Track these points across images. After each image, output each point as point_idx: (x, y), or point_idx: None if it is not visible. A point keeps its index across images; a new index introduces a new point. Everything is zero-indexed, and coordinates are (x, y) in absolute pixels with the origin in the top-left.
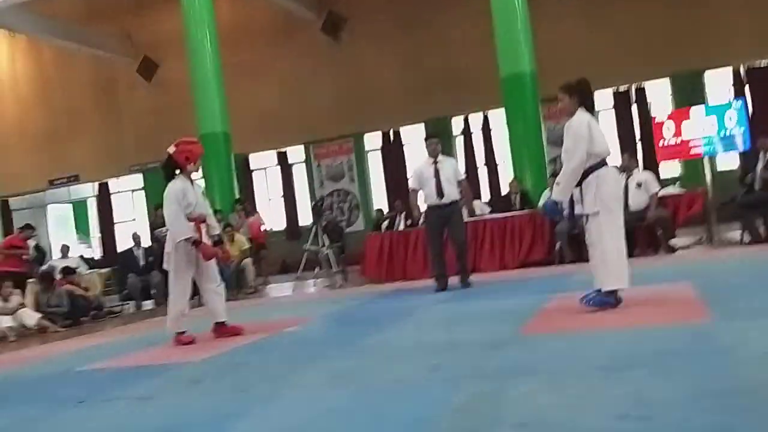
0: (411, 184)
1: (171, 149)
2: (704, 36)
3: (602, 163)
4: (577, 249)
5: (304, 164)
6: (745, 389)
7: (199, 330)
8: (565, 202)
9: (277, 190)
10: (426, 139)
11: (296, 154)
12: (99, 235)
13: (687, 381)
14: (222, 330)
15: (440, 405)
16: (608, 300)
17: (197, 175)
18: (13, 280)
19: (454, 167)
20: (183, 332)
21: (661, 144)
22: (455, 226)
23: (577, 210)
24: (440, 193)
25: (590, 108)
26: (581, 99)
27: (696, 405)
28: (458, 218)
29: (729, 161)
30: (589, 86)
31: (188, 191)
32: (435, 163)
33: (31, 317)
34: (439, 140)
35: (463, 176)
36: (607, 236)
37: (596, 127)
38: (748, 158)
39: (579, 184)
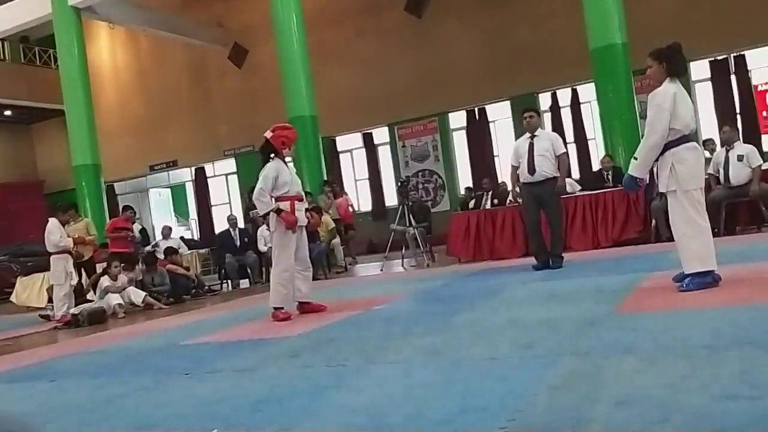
0: (510, 160)
1: (268, 134)
2: None
3: (683, 140)
4: None
5: (388, 145)
6: None
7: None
8: (647, 178)
9: (363, 172)
10: (522, 113)
11: (381, 135)
12: (196, 217)
13: None
14: (306, 308)
15: (536, 382)
16: (705, 280)
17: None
18: (120, 260)
19: (552, 141)
20: (281, 308)
21: (764, 114)
22: (549, 206)
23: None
24: (532, 169)
25: (682, 76)
26: (671, 67)
27: None
28: (551, 197)
29: None
30: (680, 52)
31: (283, 172)
32: (532, 137)
33: (138, 295)
34: (533, 114)
35: (563, 150)
36: (680, 217)
37: (683, 101)
38: None
39: (656, 159)
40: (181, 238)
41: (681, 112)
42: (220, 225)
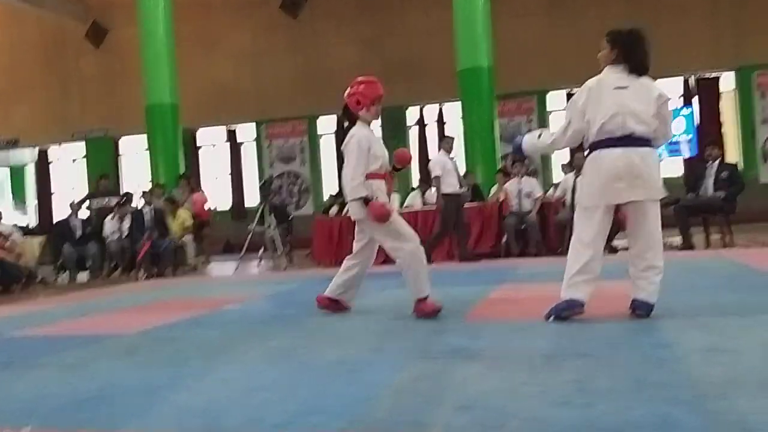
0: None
1: (346, 93)
2: (659, 45)
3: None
4: (523, 242)
5: (254, 143)
6: (685, 383)
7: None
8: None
9: (225, 169)
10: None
11: (247, 132)
12: (35, 202)
13: (629, 372)
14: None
15: (382, 385)
16: None
17: (142, 146)
18: None
19: None
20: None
21: None
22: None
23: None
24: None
25: (637, 69)
26: (623, 53)
27: (638, 395)
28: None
29: (673, 168)
30: (640, 41)
31: (373, 142)
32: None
33: None
34: None
35: None
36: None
37: (593, 99)
38: (693, 166)
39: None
40: (15, 224)
41: (588, 113)
42: (61, 212)
